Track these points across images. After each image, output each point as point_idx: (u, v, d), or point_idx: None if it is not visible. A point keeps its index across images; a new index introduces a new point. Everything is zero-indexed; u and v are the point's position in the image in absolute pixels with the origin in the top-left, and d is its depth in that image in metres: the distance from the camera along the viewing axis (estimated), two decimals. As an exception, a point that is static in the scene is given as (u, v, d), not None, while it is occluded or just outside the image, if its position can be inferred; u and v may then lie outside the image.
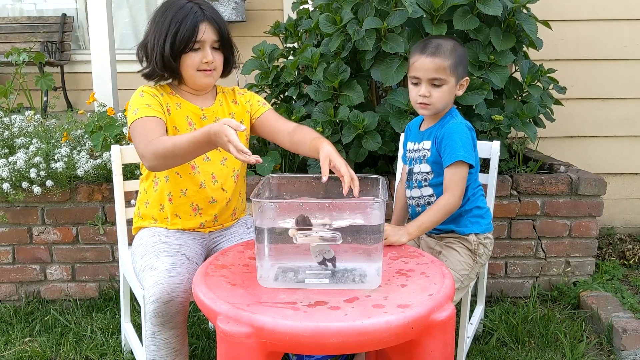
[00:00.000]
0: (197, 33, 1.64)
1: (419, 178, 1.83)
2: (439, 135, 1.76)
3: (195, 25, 1.64)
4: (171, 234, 1.74)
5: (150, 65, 1.71)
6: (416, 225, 1.70)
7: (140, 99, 1.69)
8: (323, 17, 2.42)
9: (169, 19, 1.65)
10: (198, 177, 1.74)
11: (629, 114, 3.26)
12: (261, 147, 2.83)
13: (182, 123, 1.73)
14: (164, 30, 1.65)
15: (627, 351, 2.09)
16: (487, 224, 1.86)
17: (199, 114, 1.76)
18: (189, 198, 1.75)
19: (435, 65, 1.70)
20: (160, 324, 1.52)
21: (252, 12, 4.62)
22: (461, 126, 1.75)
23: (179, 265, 1.57)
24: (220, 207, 1.80)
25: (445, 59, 1.70)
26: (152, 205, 1.79)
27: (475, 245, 1.81)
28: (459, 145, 1.71)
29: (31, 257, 2.50)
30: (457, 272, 1.75)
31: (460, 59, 1.74)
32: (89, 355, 2.09)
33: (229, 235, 1.85)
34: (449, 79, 1.72)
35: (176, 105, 1.74)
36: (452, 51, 1.72)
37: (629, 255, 2.88)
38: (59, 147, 2.49)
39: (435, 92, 1.72)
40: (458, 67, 1.73)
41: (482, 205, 1.86)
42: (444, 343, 1.30)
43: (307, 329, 1.15)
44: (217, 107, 1.80)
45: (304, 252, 1.36)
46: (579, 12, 3.18)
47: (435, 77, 1.71)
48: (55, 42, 4.76)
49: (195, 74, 1.69)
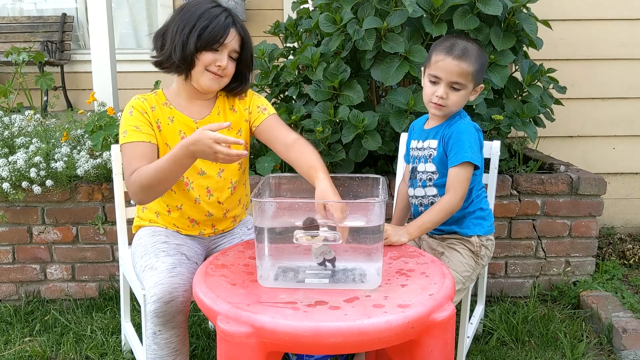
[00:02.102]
0: (226, 35, 1.63)
1: (423, 177, 1.82)
2: (447, 134, 1.74)
3: (227, 27, 1.63)
4: (171, 234, 1.74)
5: (165, 54, 1.65)
6: (417, 226, 1.69)
7: (130, 119, 1.65)
8: (323, 17, 2.42)
9: (200, 12, 1.62)
10: (192, 193, 1.71)
11: (629, 113, 3.26)
12: (261, 147, 2.83)
13: (175, 138, 1.68)
14: (191, 21, 1.62)
15: (627, 351, 2.09)
16: (489, 226, 1.85)
17: (192, 127, 1.70)
18: (184, 212, 1.74)
19: (460, 69, 1.66)
20: (161, 324, 1.52)
21: (252, 12, 4.63)
22: (469, 127, 1.74)
23: (179, 264, 1.57)
24: (218, 218, 1.79)
25: (470, 65, 1.67)
26: (149, 210, 1.80)
27: (478, 247, 1.80)
28: (467, 146, 1.69)
29: (31, 256, 2.51)
30: (459, 274, 1.74)
31: (482, 66, 1.72)
32: (89, 355, 2.09)
33: (229, 237, 1.85)
34: (469, 84, 1.69)
35: (168, 119, 1.69)
36: (478, 57, 1.69)
37: (629, 255, 2.88)
38: (59, 146, 2.49)
39: (453, 96, 1.70)
40: (479, 73, 1.71)
41: (485, 207, 1.85)
42: (444, 343, 1.30)
43: (307, 329, 1.15)
44: (214, 116, 1.75)
45: (304, 252, 1.36)
46: (579, 12, 3.18)
47: (457, 81, 1.68)
48: (55, 42, 4.76)
49: (203, 73, 1.65)
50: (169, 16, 1.70)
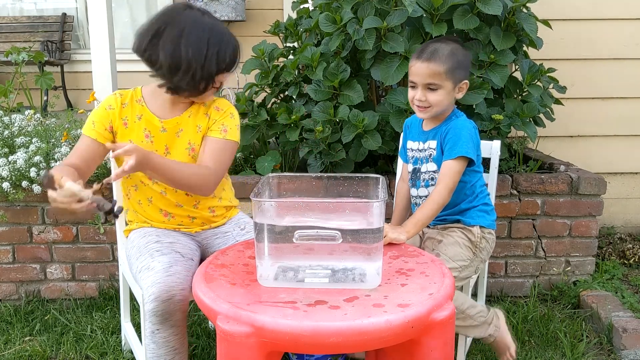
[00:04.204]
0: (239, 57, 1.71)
1: (426, 177, 1.85)
2: (444, 131, 1.78)
3: (238, 47, 1.70)
4: (162, 232, 1.75)
5: (186, 77, 1.61)
6: (412, 223, 1.71)
7: (95, 112, 1.73)
8: (323, 17, 2.42)
9: (218, 36, 1.63)
10: (157, 186, 1.74)
11: (629, 113, 3.25)
12: (261, 147, 2.83)
13: (139, 135, 1.72)
14: (214, 44, 1.61)
15: (627, 350, 2.09)
16: (492, 221, 1.89)
17: (158, 126, 1.72)
18: (155, 205, 1.77)
19: (430, 70, 1.71)
20: (159, 323, 1.52)
21: (252, 12, 4.63)
22: (466, 123, 1.78)
23: (175, 263, 1.57)
24: (189, 209, 1.79)
25: (440, 65, 1.71)
26: (131, 212, 1.84)
27: (478, 238, 1.83)
28: (462, 141, 1.73)
29: (31, 256, 2.50)
30: (454, 262, 1.76)
31: (458, 63, 1.74)
32: (89, 355, 2.09)
33: (222, 236, 1.84)
34: (444, 83, 1.73)
35: (136, 117, 1.72)
36: (450, 56, 1.72)
37: (629, 255, 2.88)
38: (59, 146, 2.49)
39: (432, 96, 1.74)
40: (455, 71, 1.73)
41: (489, 202, 1.90)
42: (443, 342, 1.30)
43: (307, 329, 1.15)
44: (184, 118, 1.74)
45: (304, 251, 1.36)
46: (579, 11, 3.17)
47: (430, 82, 1.72)
48: (55, 42, 4.76)
49: (212, 90, 1.72)
50: (153, 19, 1.64)
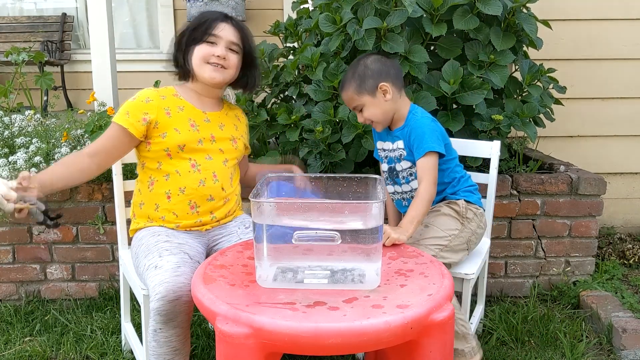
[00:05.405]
0: (213, 27, 1.74)
1: (405, 174, 1.93)
2: (407, 132, 1.87)
3: (214, 21, 1.75)
4: (172, 233, 1.74)
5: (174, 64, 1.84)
6: (409, 222, 1.74)
7: (130, 103, 1.76)
8: (323, 17, 2.42)
9: (194, 20, 1.78)
10: (198, 175, 1.77)
11: (629, 113, 3.25)
12: (261, 147, 2.83)
13: (185, 125, 1.77)
14: (186, 29, 1.78)
15: (627, 351, 2.09)
16: (478, 199, 1.97)
17: (202, 116, 1.81)
18: (187, 196, 1.77)
19: (347, 97, 1.86)
20: (163, 322, 1.52)
21: (252, 12, 4.62)
22: (424, 119, 1.86)
23: (183, 264, 1.57)
24: (218, 205, 1.82)
25: (348, 89, 1.84)
26: (146, 206, 1.80)
27: (464, 209, 1.89)
28: (426, 137, 1.81)
29: (31, 256, 2.51)
30: (443, 231, 1.82)
31: (361, 77, 1.82)
32: (89, 355, 2.09)
33: (227, 235, 1.85)
34: (362, 100, 1.83)
35: (177, 108, 1.79)
36: (352, 77, 1.83)
37: (629, 255, 2.88)
38: (59, 146, 2.49)
39: (366, 113, 1.85)
40: (363, 85, 1.82)
41: (471, 183, 1.99)
42: (443, 343, 1.30)
43: (307, 330, 1.15)
44: (222, 115, 1.89)
45: (303, 252, 1.36)
46: (578, 12, 3.17)
47: (355, 105, 1.86)
48: (55, 42, 4.76)
49: (202, 65, 1.76)
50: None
